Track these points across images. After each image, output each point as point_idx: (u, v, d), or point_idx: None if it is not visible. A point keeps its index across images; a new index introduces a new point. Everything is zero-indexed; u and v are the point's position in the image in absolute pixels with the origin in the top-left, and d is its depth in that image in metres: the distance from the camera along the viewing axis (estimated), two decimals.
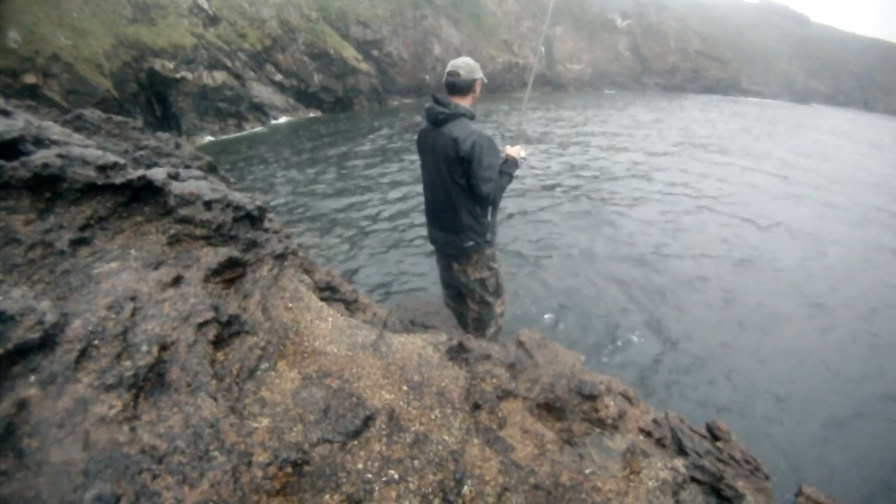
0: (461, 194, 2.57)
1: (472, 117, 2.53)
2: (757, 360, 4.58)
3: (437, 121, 2.51)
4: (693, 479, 1.52)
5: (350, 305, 2.82)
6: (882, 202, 10.40)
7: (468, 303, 2.94)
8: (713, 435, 1.79)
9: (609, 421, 1.53)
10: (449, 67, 2.50)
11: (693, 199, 9.35)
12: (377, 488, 1.05)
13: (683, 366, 4.42)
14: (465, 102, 2.54)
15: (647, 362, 4.43)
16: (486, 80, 2.61)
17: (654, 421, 1.70)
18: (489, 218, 2.70)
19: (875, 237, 8.16)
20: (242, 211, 1.43)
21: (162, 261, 1.24)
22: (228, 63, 16.75)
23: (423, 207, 2.90)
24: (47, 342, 0.91)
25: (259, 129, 16.60)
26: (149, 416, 0.93)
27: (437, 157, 2.55)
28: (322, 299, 1.84)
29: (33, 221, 1.12)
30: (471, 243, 2.68)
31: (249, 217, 1.46)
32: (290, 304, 1.45)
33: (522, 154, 2.72)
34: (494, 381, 1.53)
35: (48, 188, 1.16)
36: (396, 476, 1.09)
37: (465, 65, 2.49)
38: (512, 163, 2.64)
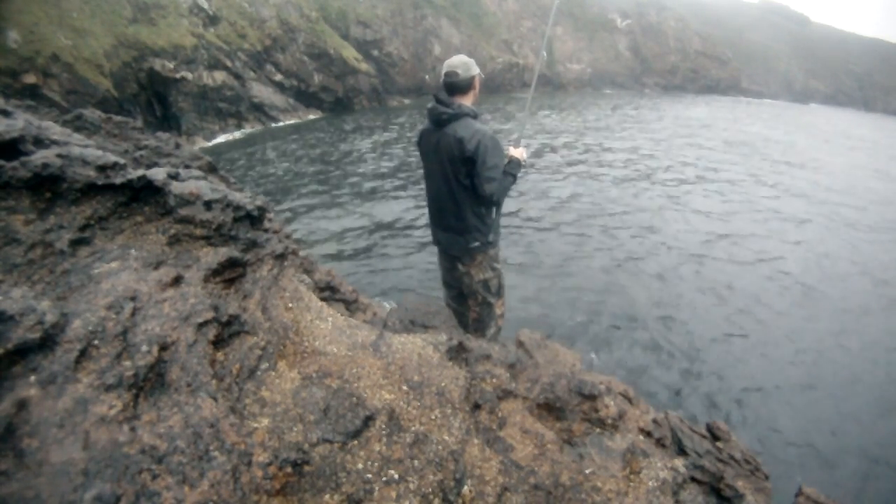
0: (466, 194, 2.57)
1: (475, 116, 2.52)
2: (757, 361, 4.58)
3: (440, 121, 2.50)
4: (693, 479, 1.52)
5: (350, 305, 2.82)
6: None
7: (469, 303, 2.94)
8: (713, 435, 1.79)
9: (609, 421, 1.53)
10: (445, 68, 2.48)
11: (700, 202, 9.35)
12: (377, 488, 1.05)
13: (684, 366, 4.42)
14: (466, 101, 2.53)
15: (648, 362, 4.44)
16: (482, 76, 2.59)
17: (654, 421, 1.70)
18: (493, 218, 2.70)
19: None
20: (242, 211, 1.43)
21: (162, 261, 1.24)
22: (228, 63, 16.74)
23: (424, 207, 2.90)
24: (47, 342, 0.91)
25: (259, 129, 16.60)
26: (149, 416, 0.93)
27: (441, 157, 2.54)
28: (322, 299, 1.84)
29: (33, 221, 1.12)
30: (476, 244, 2.68)
31: (249, 217, 1.46)
32: (290, 304, 1.45)
33: (525, 155, 2.72)
34: (494, 381, 1.53)
35: (48, 188, 1.16)
36: (396, 476, 1.09)
37: (461, 63, 2.46)
38: (516, 164, 2.63)
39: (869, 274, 6.71)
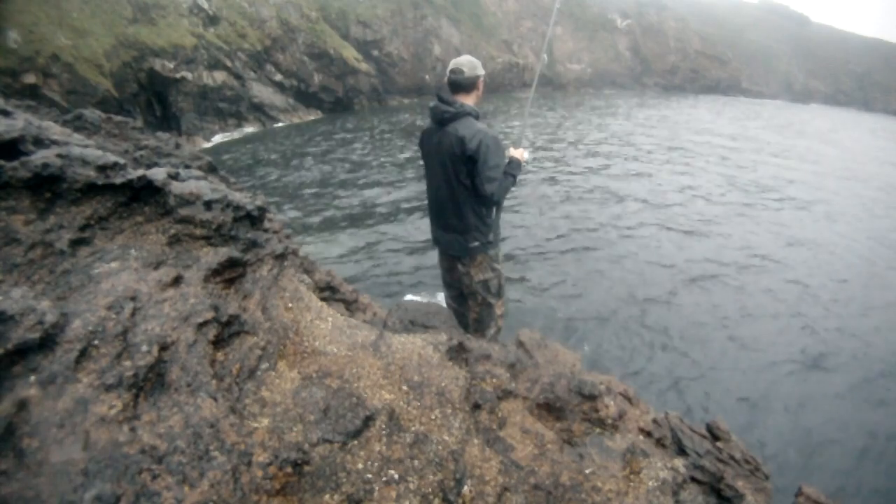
0: (467, 194, 2.57)
1: (477, 116, 2.52)
2: (758, 361, 4.58)
3: (442, 120, 2.50)
4: (693, 479, 1.52)
5: (350, 305, 2.82)
6: None
7: (469, 304, 2.93)
8: (713, 435, 1.79)
9: (609, 421, 1.53)
10: (452, 65, 2.50)
11: (710, 199, 9.35)
12: (377, 488, 1.05)
13: (683, 366, 4.42)
14: (469, 100, 2.53)
15: (648, 362, 4.44)
16: (487, 79, 2.62)
17: (654, 421, 1.70)
18: (494, 218, 2.70)
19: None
20: (242, 211, 1.43)
21: (162, 261, 1.24)
22: (228, 63, 16.74)
23: (424, 207, 2.90)
24: (47, 342, 0.91)
25: (259, 129, 16.60)
26: (149, 416, 0.93)
27: (443, 156, 2.54)
28: (322, 299, 1.84)
29: (33, 221, 1.12)
30: (476, 244, 2.68)
31: (249, 217, 1.46)
32: (290, 304, 1.45)
33: (526, 156, 2.72)
34: (494, 381, 1.53)
35: (48, 188, 1.16)
36: (396, 476, 1.09)
37: (467, 62, 2.49)
38: (516, 164, 2.63)
39: (878, 272, 6.71)
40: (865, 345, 4.98)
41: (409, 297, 5.28)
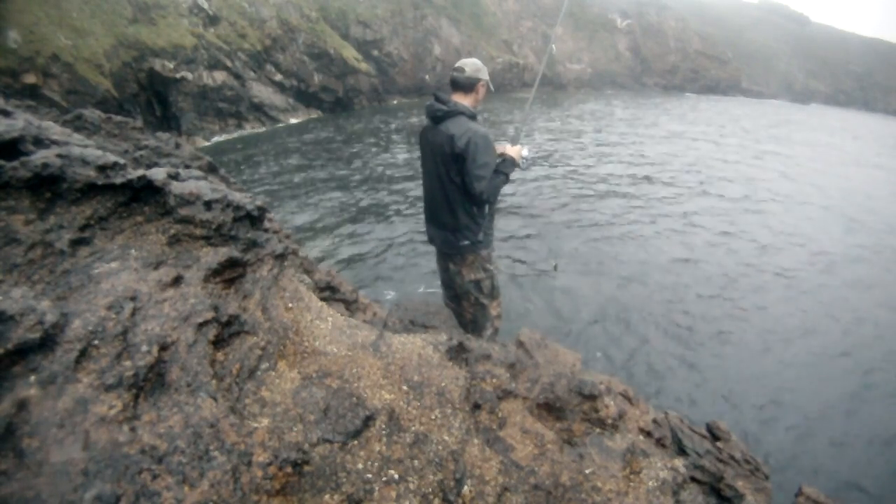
0: (458, 192, 2.57)
1: (471, 116, 2.53)
2: (758, 361, 4.58)
3: (435, 117, 2.52)
4: (693, 479, 1.52)
5: (350, 305, 2.82)
6: None
7: (463, 305, 2.93)
8: (713, 435, 1.79)
9: (609, 421, 1.53)
10: (456, 64, 2.53)
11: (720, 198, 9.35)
12: (377, 488, 1.05)
13: (684, 366, 4.42)
14: (466, 101, 2.54)
15: (648, 362, 4.43)
16: (492, 89, 2.63)
17: (654, 421, 1.70)
18: (486, 217, 2.69)
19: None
20: (242, 211, 1.43)
21: (162, 261, 1.24)
22: (228, 63, 16.72)
23: (422, 206, 2.90)
24: (47, 342, 0.91)
25: (259, 129, 16.60)
26: (149, 416, 0.93)
27: (436, 154, 2.55)
28: (322, 299, 1.84)
29: (33, 221, 1.12)
30: (466, 242, 2.68)
31: (249, 217, 1.46)
32: (290, 304, 1.45)
33: (524, 153, 2.70)
34: (494, 381, 1.53)
35: (48, 188, 1.16)
36: (396, 476, 1.09)
37: (471, 63, 2.52)
38: (510, 162, 2.63)
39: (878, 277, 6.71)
40: (869, 346, 4.98)
41: (408, 296, 5.28)
